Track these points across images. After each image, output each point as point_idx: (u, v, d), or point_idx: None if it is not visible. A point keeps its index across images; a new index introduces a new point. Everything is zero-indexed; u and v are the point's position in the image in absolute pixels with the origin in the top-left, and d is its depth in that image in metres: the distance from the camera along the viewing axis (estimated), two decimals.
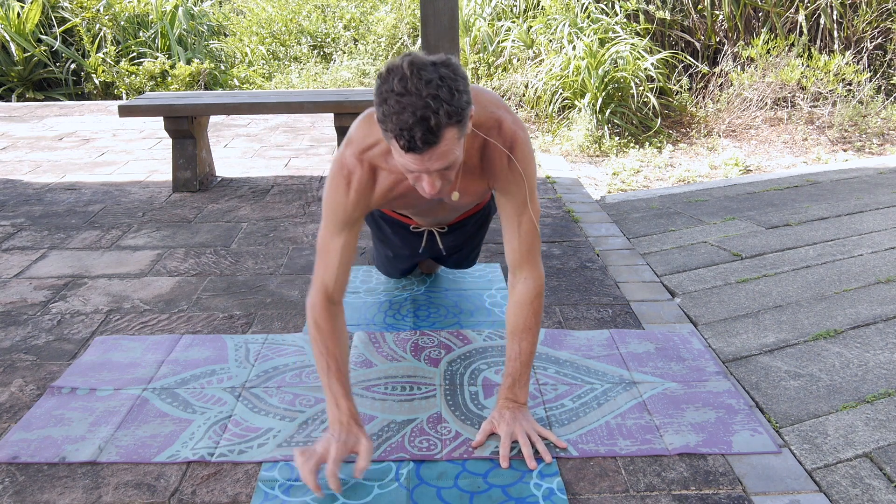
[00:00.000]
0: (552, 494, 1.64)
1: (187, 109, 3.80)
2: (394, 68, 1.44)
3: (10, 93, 7.21)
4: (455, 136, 1.47)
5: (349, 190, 1.75)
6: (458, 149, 1.50)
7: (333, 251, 1.79)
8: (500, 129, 1.74)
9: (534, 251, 1.83)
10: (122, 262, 3.02)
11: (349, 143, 1.76)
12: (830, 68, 5.65)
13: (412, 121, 1.41)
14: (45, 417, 1.95)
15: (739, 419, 1.91)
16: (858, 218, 3.55)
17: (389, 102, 1.42)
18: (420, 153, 1.45)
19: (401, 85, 1.41)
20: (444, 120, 1.43)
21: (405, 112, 1.41)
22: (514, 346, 1.84)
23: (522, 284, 1.83)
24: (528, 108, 6.09)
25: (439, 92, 1.41)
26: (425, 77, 1.41)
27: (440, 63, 1.45)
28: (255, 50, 7.66)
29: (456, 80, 1.45)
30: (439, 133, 1.43)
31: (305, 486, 1.67)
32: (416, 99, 1.40)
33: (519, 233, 1.81)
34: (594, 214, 3.56)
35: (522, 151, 1.77)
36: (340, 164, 1.75)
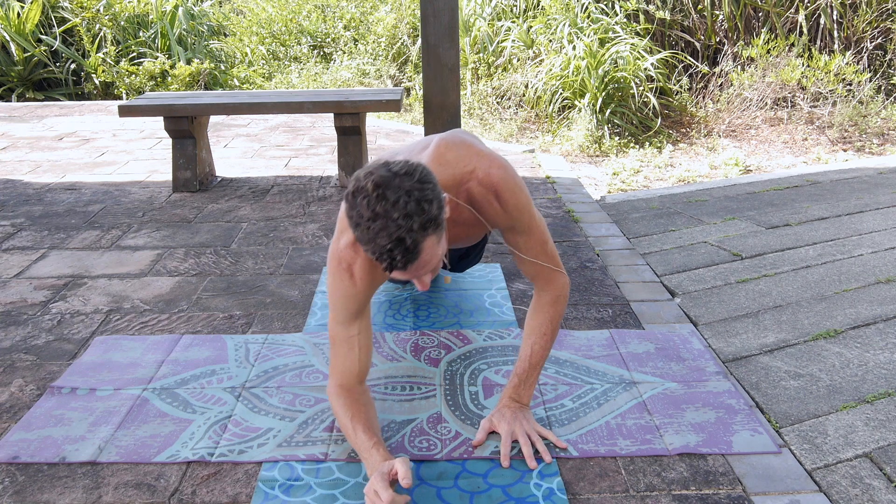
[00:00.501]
0: (552, 494, 1.64)
1: (187, 109, 3.80)
2: (359, 190, 1.42)
3: (10, 93, 7.21)
4: (434, 241, 1.46)
5: (354, 280, 1.72)
6: (439, 249, 1.50)
7: (349, 341, 1.77)
8: (478, 181, 1.73)
9: (551, 263, 1.86)
10: (122, 262, 3.02)
11: (341, 233, 1.74)
12: (831, 68, 5.65)
13: (389, 245, 1.40)
14: (45, 417, 1.95)
15: (739, 419, 1.91)
16: (858, 218, 3.55)
17: (362, 227, 1.41)
18: (404, 270, 1.46)
19: (369, 210, 1.39)
20: (420, 234, 1.41)
21: (380, 237, 1.40)
22: (526, 346, 1.87)
23: (544, 291, 1.89)
24: (528, 108, 6.09)
25: (408, 209, 1.39)
26: (391, 197, 1.39)
27: (404, 174, 1.42)
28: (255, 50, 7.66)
29: (423, 190, 1.42)
30: (418, 249, 1.42)
31: (305, 486, 1.67)
32: (387, 222, 1.39)
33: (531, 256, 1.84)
34: (594, 214, 3.56)
35: (507, 190, 1.75)
36: (338, 257, 1.73)
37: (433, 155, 1.73)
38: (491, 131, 5.80)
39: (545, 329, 1.86)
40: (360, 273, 1.72)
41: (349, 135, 3.90)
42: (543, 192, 3.91)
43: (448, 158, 1.72)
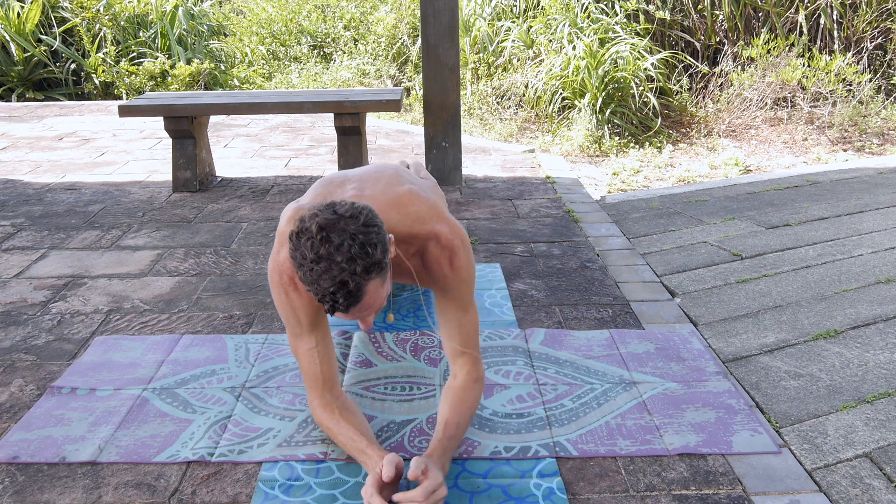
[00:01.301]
0: (552, 494, 1.64)
1: (187, 109, 3.80)
2: (303, 231, 1.42)
3: (10, 93, 7.21)
4: (378, 284, 1.46)
5: (299, 292, 1.70)
6: (383, 290, 1.50)
7: (309, 353, 1.76)
8: (437, 241, 1.73)
9: (475, 349, 1.84)
10: (122, 262, 3.02)
11: (281, 246, 1.72)
12: (831, 69, 5.65)
13: (332, 288, 1.40)
14: (45, 417, 1.95)
15: (739, 419, 1.91)
16: (858, 218, 3.55)
17: (304, 269, 1.41)
18: (345, 312, 1.46)
19: (313, 252, 1.39)
20: (363, 278, 1.41)
21: (322, 279, 1.40)
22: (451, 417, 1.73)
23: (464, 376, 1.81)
24: (528, 108, 6.09)
25: (352, 252, 1.39)
26: (335, 241, 1.39)
27: (349, 217, 1.42)
28: (255, 50, 7.66)
29: (368, 234, 1.42)
30: (361, 292, 1.42)
31: (305, 486, 1.67)
32: (331, 265, 1.39)
33: (459, 333, 1.81)
34: (594, 214, 3.56)
35: (462, 259, 1.75)
36: (279, 270, 1.71)
37: (396, 200, 1.73)
38: (491, 131, 5.80)
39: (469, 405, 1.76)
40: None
41: (349, 135, 3.90)
42: (543, 192, 3.91)
43: (411, 211, 1.72)
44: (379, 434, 1.86)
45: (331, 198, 1.74)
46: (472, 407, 1.78)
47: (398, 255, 1.74)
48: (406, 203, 1.73)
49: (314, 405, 1.79)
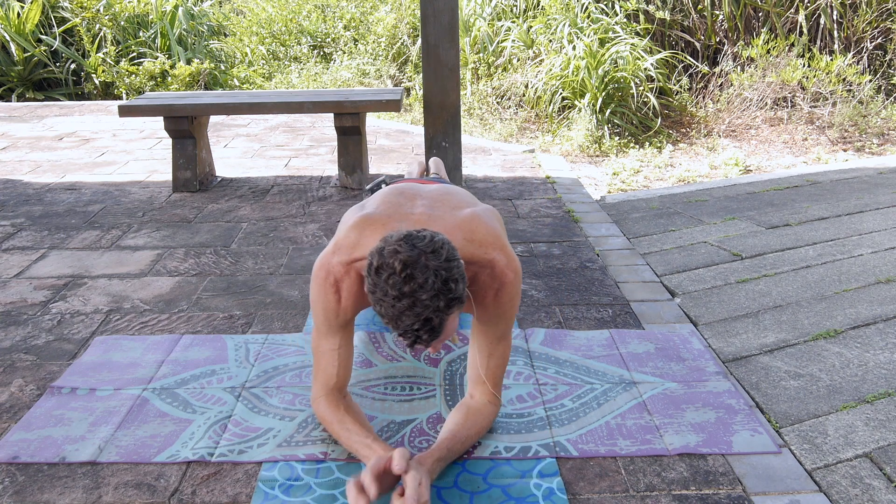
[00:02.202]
0: (552, 494, 1.64)
1: (187, 109, 3.80)
2: (385, 267, 1.42)
3: (10, 93, 7.21)
4: (456, 316, 1.48)
5: (339, 297, 1.71)
6: (457, 321, 1.51)
7: (330, 353, 1.77)
8: (492, 270, 1.72)
9: (498, 381, 1.84)
10: (122, 262, 3.02)
11: (337, 249, 1.71)
12: (831, 69, 5.65)
13: (416, 325, 1.41)
14: (45, 417, 1.95)
15: (739, 419, 1.91)
16: (858, 218, 3.55)
17: (386, 304, 1.42)
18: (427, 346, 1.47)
19: (396, 290, 1.40)
20: (446, 314, 1.43)
21: (405, 316, 1.41)
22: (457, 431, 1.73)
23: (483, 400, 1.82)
24: (528, 108, 6.09)
25: (435, 289, 1.40)
26: (419, 279, 1.39)
27: (430, 253, 1.42)
28: (255, 50, 7.66)
29: (450, 270, 1.43)
30: (442, 327, 1.44)
31: (305, 486, 1.67)
32: (415, 303, 1.40)
33: (487, 365, 1.80)
34: (594, 214, 3.56)
35: (509, 293, 1.74)
36: (327, 270, 1.71)
37: (461, 224, 1.72)
38: (491, 131, 5.80)
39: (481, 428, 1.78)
40: (347, 294, 1.71)
41: (349, 135, 3.90)
42: (543, 192, 3.91)
43: (475, 237, 1.71)
44: (379, 434, 1.86)
45: (400, 210, 1.74)
46: (482, 430, 1.80)
47: None
48: (471, 228, 1.72)
49: (319, 400, 1.79)
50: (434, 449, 1.66)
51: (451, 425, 1.75)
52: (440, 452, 1.66)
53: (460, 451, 1.73)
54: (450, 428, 1.74)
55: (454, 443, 1.71)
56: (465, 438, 1.74)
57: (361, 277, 1.71)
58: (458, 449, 1.72)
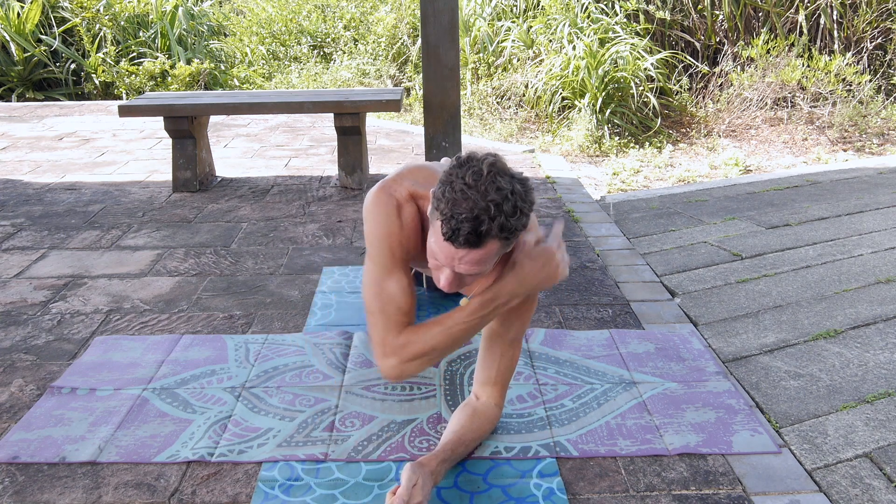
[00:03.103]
0: (552, 494, 1.64)
1: (187, 109, 3.80)
2: (473, 160, 1.42)
3: (10, 93, 7.21)
4: (496, 249, 1.44)
5: (401, 224, 1.62)
6: (491, 262, 1.47)
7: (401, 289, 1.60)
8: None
9: (507, 384, 1.83)
10: (122, 262, 3.02)
11: (400, 177, 1.67)
12: (831, 69, 5.65)
13: (465, 215, 1.38)
14: (45, 417, 1.95)
15: (739, 419, 1.91)
16: (858, 218, 3.55)
17: (454, 186, 1.40)
18: (456, 248, 1.42)
19: (473, 178, 1.39)
20: (495, 231, 1.40)
21: (464, 204, 1.38)
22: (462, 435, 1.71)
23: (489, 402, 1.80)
24: (528, 108, 6.09)
25: (504, 203, 1.39)
26: (499, 183, 1.39)
27: (518, 178, 1.44)
28: (255, 50, 7.66)
29: (525, 202, 1.43)
30: (484, 240, 1.40)
31: (305, 486, 1.67)
32: (479, 197, 1.38)
33: (498, 366, 1.79)
34: (594, 214, 3.56)
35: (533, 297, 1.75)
36: (388, 193, 1.63)
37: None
38: (491, 131, 5.80)
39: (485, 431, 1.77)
40: (409, 220, 1.64)
41: (349, 135, 3.90)
42: (543, 192, 3.91)
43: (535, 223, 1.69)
44: (379, 434, 1.86)
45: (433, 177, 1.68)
46: (486, 432, 1.79)
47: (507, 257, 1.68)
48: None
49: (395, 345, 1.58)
50: (438, 451, 1.65)
51: (456, 426, 1.74)
52: (444, 454, 1.65)
53: (464, 453, 1.72)
54: (454, 429, 1.73)
55: (458, 445, 1.70)
56: (469, 441, 1.73)
57: (422, 214, 1.65)
58: (462, 451, 1.71)
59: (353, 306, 2.57)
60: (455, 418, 1.77)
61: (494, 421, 1.82)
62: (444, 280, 1.49)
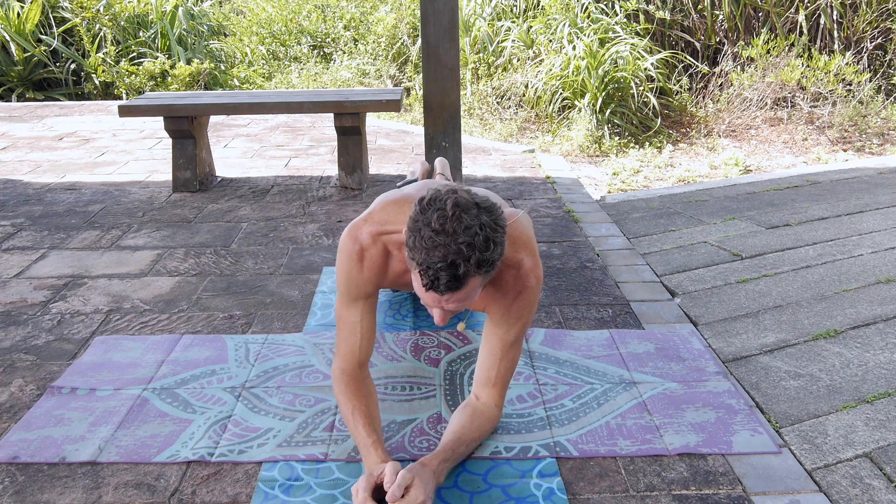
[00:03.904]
0: (552, 494, 1.64)
1: (187, 109, 3.80)
2: (436, 201, 1.42)
3: (10, 93, 7.21)
4: (479, 283, 1.46)
5: (362, 267, 1.72)
6: (477, 293, 1.49)
7: (352, 324, 1.77)
8: (517, 272, 1.71)
9: (504, 388, 1.83)
10: (122, 262, 3.02)
11: (369, 219, 1.73)
12: (831, 69, 5.65)
13: (441, 264, 1.39)
14: (45, 417, 1.95)
15: (739, 419, 1.91)
16: (858, 218, 3.55)
17: (423, 235, 1.40)
18: (440, 294, 1.44)
19: (439, 222, 1.39)
20: (473, 270, 1.41)
21: (436, 252, 1.39)
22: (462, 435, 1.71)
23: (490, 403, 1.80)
24: (528, 108, 6.09)
25: (475, 240, 1.39)
26: (466, 221, 1.39)
27: (484, 208, 1.44)
28: (255, 50, 7.66)
29: (495, 231, 1.43)
30: (465, 281, 1.42)
31: (305, 486, 1.67)
32: (450, 242, 1.38)
33: (497, 368, 1.79)
34: (594, 214, 3.56)
35: (528, 299, 1.74)
36: (354, 237, 1.72)
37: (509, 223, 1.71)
38: (491, 131, 5.80)
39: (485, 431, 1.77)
40: (370, 264, 1.72)
41: (349, 135, 3.90)
42: (543, 192, 3.91)
43: (513, 234, 1.70)
44: None
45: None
46: (486, 432, 1.79)
47: None
48: (515, 229, 1.71)
49: (340, 374, 1.78)
50: (439, 451, 1.65)
51: (456, 426, 1.74)
52: (445, 454, 1.65)
53: (465, 453, 1.72)
54: (454, 429, 1.73)
55: (459, 444, 1.70)
56: (469, 441, 1.73)
57: (387, 251, 1.72)
58: (463, 451, 1.71)
59: None
60: (455, 418, 1.77)
61: (495, 421, 1.82)
62: (436, 318, 1.54)
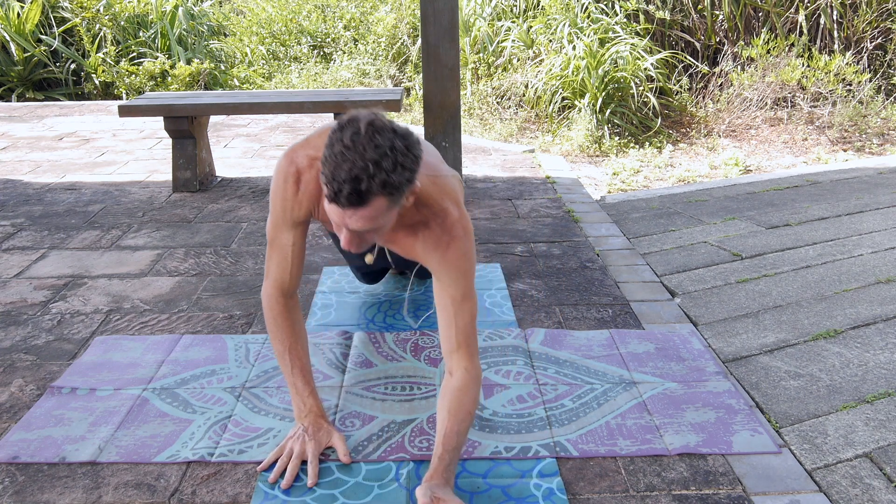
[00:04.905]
0: (552, 494, 1.64)
1: (187, 109, 3.80)
2: (353, 121, 1.44)
3: (10, 93, 7.21)
4: (384, 206, 1.47)
5: (297, 189, 1.75)
6: (384, 219, 1.50)
7: (283, 247, 1.81)
8: (443, 221, 1.71)
9: (471, 345, 1.74)
10: (122, 262, 3.02)
11: (307, 143, 1.76)
12: (831, 68, 5.65)
13: (344, 177, 1.41)
14: (45, 417, 1.95)
15: (739, 419, 1.91)
16: (858, 218, 3.55)
17: (334, 150, 1.43)
18: (342, 208, 1.46)
19: (351, 140, 1.42)
20: (377, 188, 1.42)
21: (343, 166, 1.41)
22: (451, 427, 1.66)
23: (458, 376, 1.72)
24: (528, 107, 6.09)
25: (382, 160, 1.41)
26: (377, 141, 1.41)
27: (400, 134, 1.45)
28: (255, 50, 7.65)
29: (406, 157, 1.45)
30: (366, 198, 1.43)
31: (305, 486, 1.67)
32: (357, 158, 1.41)
33: (455, 323, 1.73)
34: (594, 214, 3.56)
35: (459, 249, 1.72)
36: (291, 159, 1.75)
37: (434, 168, 1.75)
38: (491, 131, 5.80)
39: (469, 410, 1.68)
40: (305, 187, 1.74)
41: None
42: (543, 192, 3.91)
43: (439, 182, 1.73)
44: (379, 434, 1.86)
45: None
46: (471, 410, 1.71)
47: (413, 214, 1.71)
48: (438, 173, 1.75)
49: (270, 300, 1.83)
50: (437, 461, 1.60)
51: (442, 425, 1.67)
52: (444, 461, 1.60)
53: (462, 442, 1.66)
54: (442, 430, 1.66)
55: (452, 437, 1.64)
56: (459, 430, 1.66)
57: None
58: (461, 441, 1.66)
59: (353, 306, 2.57)
60: (439, 415, 1.70)
61: (476, 390, 1.72)
62: (343, 239, 1.55)
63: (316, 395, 1.81)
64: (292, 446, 1.74)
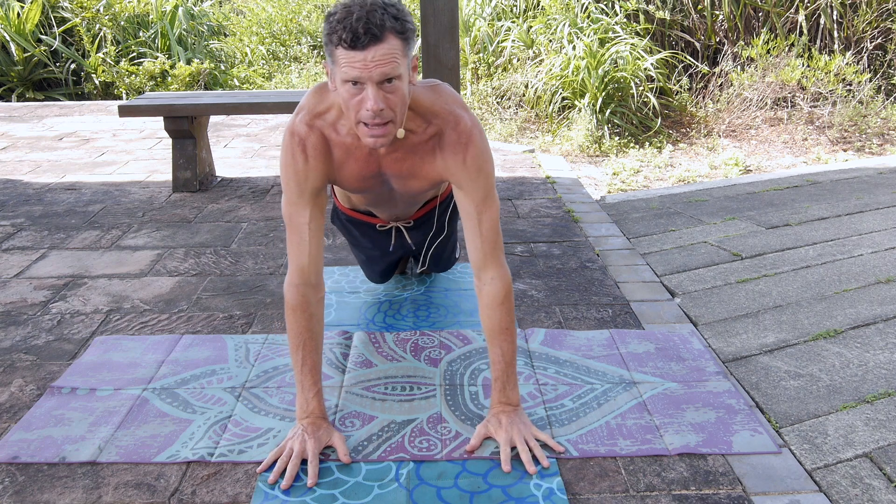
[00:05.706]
0: (552, 494, 1.64)
1: (187, 109, 3.80)
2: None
3: (10, 93, 7.21)
4: (398, 46, 1.51)
5: (306, 157, 1.74)
6: (401, 65, 1.53)
7: (301, 226, 1.78)
8: (456, 126, 1.75)
9: (497, 250, 1.81)
10: (122, 262, 3.02)
11: (300, 110, 1.77)
12: (831, 69, 5.65)
13: (357, 15, 1.48)
14: (45, 417, 1.95)
15: (739, 419, 1.91)
16: (858, 218, 3.55)
17: (337, 13, 1.50)
18: (363, 48, 1.48)
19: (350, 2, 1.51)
20: (389, 23, 1.49)
21: (352, 13, 1.48)
22: (495, 349, 1.82)
23: (490, 285, 1.81)
24: (528, 107, 6.09)
25: (386, 6, 1.50)
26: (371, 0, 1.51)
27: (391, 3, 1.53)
28: (255, 50, 7.66)
29: (402, 8, 1.53)
30: (383, 32, 1.48)
31: (305, 486, 1.67)
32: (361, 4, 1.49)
33: (480, 231, 1.79)
34: (594, 214, 3.56)
35: (478, 149, 1.77)
36: (291, 131, 1.76)
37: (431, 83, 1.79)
38: (491, 131, 5.80)
39: (506, 324, 1.80)
40: (313, 152, 1.75)
41: None
42: (543, 192, 3.91)
43: (441, 91, 1.77)
44: (379, 434, 1.86)
45: None
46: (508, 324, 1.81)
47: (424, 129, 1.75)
48: (440, 86, 1.78)
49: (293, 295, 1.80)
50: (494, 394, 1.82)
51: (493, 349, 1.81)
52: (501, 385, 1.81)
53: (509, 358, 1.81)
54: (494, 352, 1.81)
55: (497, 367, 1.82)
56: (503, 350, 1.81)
57: (325, 138, 1.75)
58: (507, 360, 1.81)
59: (353, 306, 2.57)
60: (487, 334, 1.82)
61: (508, 297, 1.80)
62: (370, 102, 1.53)
63: (320, 397, 1.81)
64: (292, 446, 1.74)
